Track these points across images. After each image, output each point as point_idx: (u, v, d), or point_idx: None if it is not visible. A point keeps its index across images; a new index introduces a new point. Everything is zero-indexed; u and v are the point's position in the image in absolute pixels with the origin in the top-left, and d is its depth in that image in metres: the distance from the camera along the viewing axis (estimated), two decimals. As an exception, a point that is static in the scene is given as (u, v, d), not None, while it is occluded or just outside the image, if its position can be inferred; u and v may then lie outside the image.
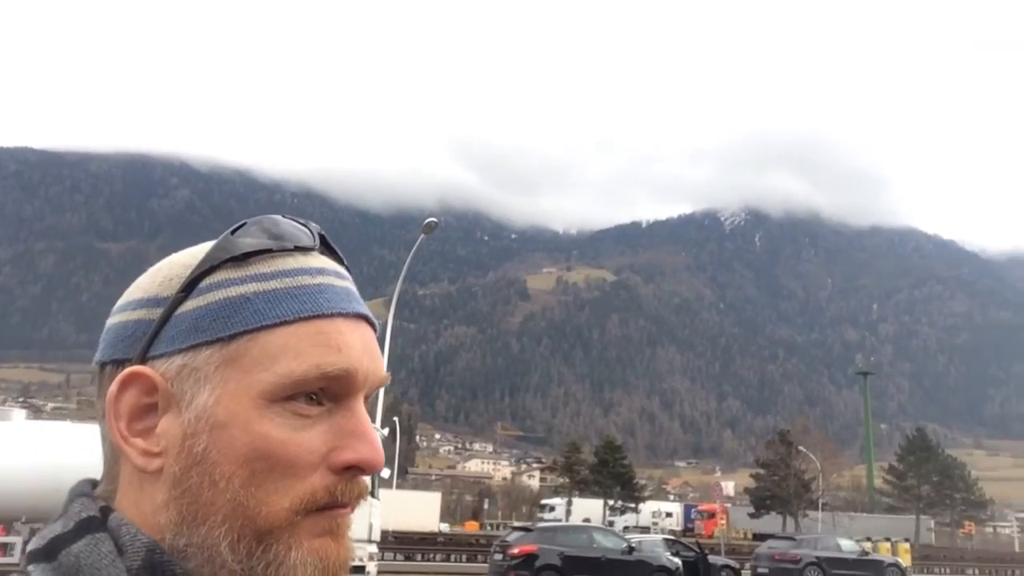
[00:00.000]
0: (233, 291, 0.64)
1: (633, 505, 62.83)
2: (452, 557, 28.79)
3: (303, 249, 0.67)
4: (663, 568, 18.27)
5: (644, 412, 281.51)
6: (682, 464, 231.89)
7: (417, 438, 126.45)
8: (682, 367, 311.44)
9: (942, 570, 35.24)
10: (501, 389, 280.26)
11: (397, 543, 28.27)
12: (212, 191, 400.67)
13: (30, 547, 0.63)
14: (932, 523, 63.15)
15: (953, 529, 63.32)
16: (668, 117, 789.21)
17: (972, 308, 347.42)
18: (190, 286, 0.64)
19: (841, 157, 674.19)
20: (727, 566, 22.17)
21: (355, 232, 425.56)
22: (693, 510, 66.50)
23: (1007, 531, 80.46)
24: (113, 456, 0.65)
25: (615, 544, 18.54)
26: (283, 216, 0.68)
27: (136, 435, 0.63)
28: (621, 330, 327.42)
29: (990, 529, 76.77)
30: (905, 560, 28.16)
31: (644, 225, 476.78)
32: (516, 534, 19.04)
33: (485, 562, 25.29)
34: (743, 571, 23.27)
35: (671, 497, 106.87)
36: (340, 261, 0.71)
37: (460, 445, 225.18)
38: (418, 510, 44.11)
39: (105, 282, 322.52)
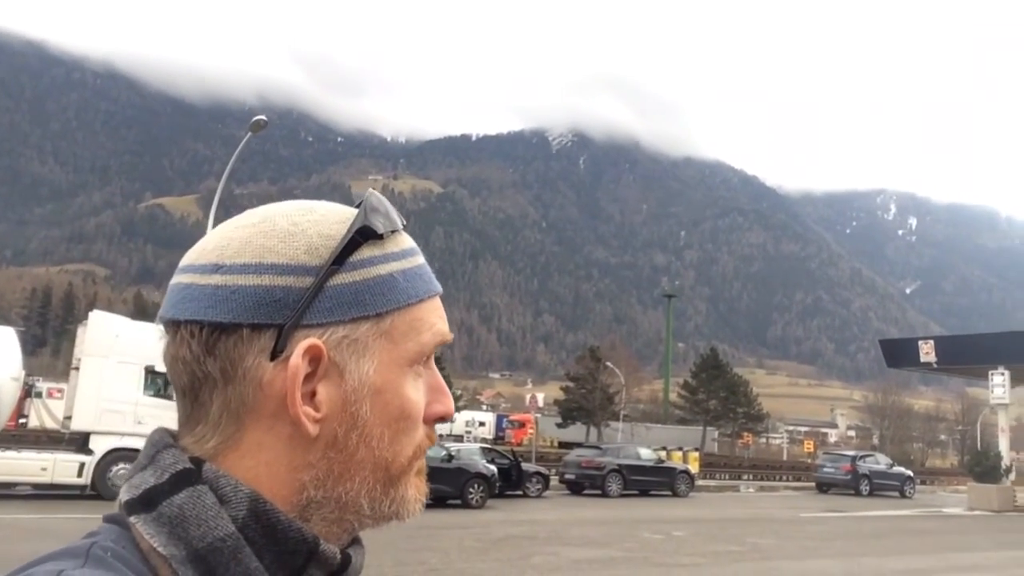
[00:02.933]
0: (383, 269, 0.68)
1: (448, 414, 64.30)
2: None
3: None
4: (480, 475, 19.07)
5: (463, 324, 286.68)
6: (496, 376, 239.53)
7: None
8: (502, 282, 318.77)
9: (723, 476, 39.01)
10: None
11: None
12: (0, 64, 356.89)
13: (124, 497, 0.64)
14: (716, 434, 69.37)
15: (733, 440, 69.98)
16: (503, 33, 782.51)
17: (766, 239, 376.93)
18: (339, 259, 0.66)
19: (662, 90, 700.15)
20: (538, 473, 23.37)
21: (166, 122, 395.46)
22: (505, 419, 69.15)
23: (777, 442, 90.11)
24: (232, 417, 0.65)
25: (435, 453, 19.00)
26: (373, 190, 0.73)
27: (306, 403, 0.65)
28: (445, 243, 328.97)
29: (764, 440, 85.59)
30: (694, 467, 30.95)
31: (474, 139, 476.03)
32: (337, 442, 19.07)
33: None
34: (552, 477, 24.71)
35: (484, 407, 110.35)
36: None
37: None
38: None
39: None
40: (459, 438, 55.77)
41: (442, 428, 62.43)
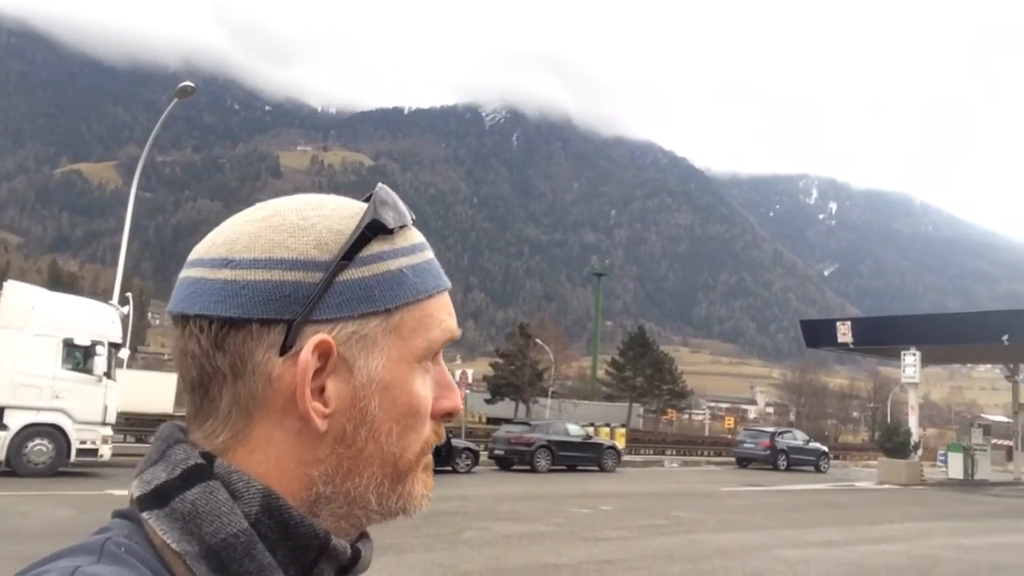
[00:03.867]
0: (392, 264, 0.67)
1: (377, 390, 64.11)
2: (190, 439, 27.94)
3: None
4: (410, 451, 19.02)
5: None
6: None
7: (149, 315, 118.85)
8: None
9: (647, 451, 39.89)
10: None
11: (129, 425, 27.00)
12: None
13: (135, 493, 0.63)
14: (641, 410, 70.82)
15: (658, 415, 71.56)
16: (437, 4, 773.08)
17: (694, 220, 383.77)
18: (349, 254, 0.65)
19: (595, 69, 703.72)
20: (467, 448, 23.44)
21: (85, 84, 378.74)
22: (434, 395, 68.97)
23: (700, 417, 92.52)
24: (242, 412, 0.65)
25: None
26: (381, 184, 0.72)
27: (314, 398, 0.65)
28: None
29: (687, 416, 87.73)
30: (621, 443, 31.53)
31: (406, 112, 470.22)
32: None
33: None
34: (481, 453, 24.86)
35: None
36: None
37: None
38: (152, 391, 42.13)
39: None
40: (387, 414, 55.51)
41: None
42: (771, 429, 37.07)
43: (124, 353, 19.87)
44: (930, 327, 30.60)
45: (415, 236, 0.71)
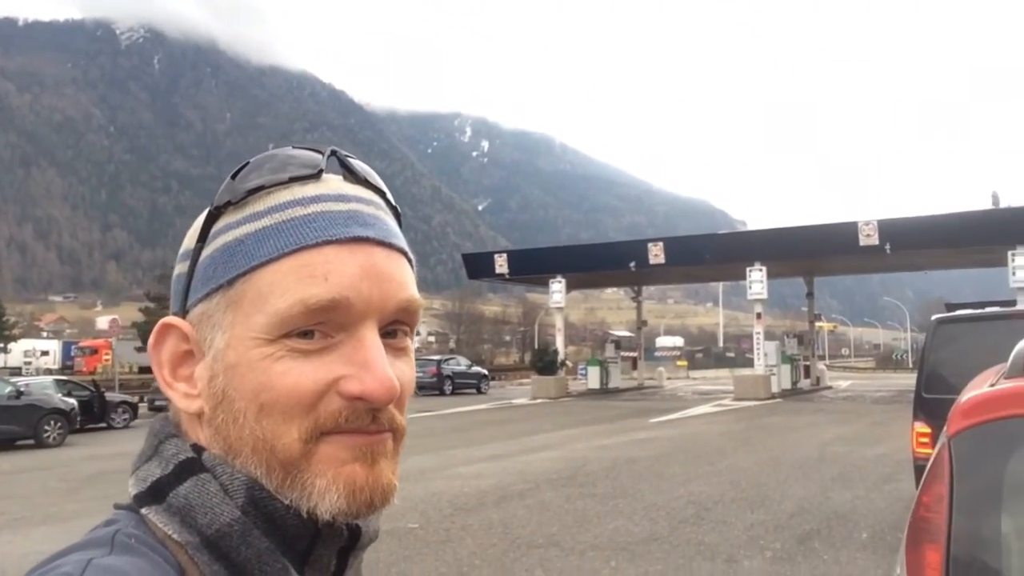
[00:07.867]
0: (231, 235, 0.64)
1: (2, 345, 56.62)
2: None
3: (303, 178, 0.66)
4: (57, 410, 17.24)
5: (13, 241, 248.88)
6: (58, 299, 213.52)
7: None
8: (62, 193, 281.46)
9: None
10: None
11: None
12: None
13: (133, 490, 0.64)
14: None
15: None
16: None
17: (354, 154, 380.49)
18: (203, 235, 0.65)
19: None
20: (124, 402, 21.81)
21: None
22: (73, 347, 62.65)
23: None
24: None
25: (0, 390, 16.81)
26: (293, 147, 0.68)
27: (180, 380, 0.65)
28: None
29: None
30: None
31: (20, 24, 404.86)
32: None
33: None
34: (140, 405, 23.17)
35: (45, 334, 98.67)
36: (364, 182, 0.70)
37: None
38: None
39: None
40: (16, 370, 49.51)
41: (-4, 360, 54.66)
42: (437, 357, 39.07)
43: None
44: (573, 257, 34.04)
45: (289, 194, 0.65)
